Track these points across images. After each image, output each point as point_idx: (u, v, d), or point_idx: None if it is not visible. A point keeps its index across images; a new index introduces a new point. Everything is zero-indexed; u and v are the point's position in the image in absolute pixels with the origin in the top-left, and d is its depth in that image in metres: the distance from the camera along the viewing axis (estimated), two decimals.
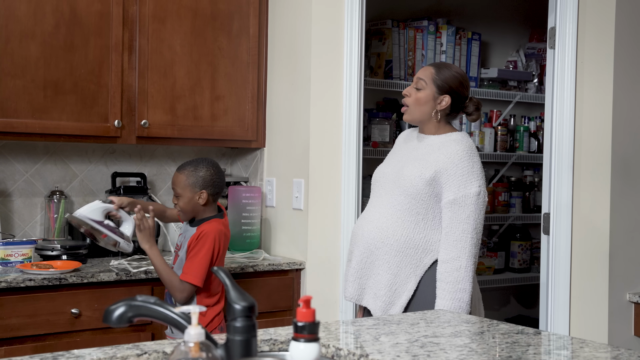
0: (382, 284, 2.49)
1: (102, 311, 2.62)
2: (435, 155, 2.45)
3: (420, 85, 2.48)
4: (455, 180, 2.41)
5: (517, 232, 4.38)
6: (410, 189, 2.44)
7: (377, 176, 2.58)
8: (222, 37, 3.25)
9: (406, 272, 2.47)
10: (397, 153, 2.60)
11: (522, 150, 4.32)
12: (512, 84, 4.33)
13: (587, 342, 1.76)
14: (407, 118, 2.52)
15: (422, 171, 2.44)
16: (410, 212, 2.45)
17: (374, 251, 2.50)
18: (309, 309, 1.26)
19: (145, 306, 1.23)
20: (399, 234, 2.46)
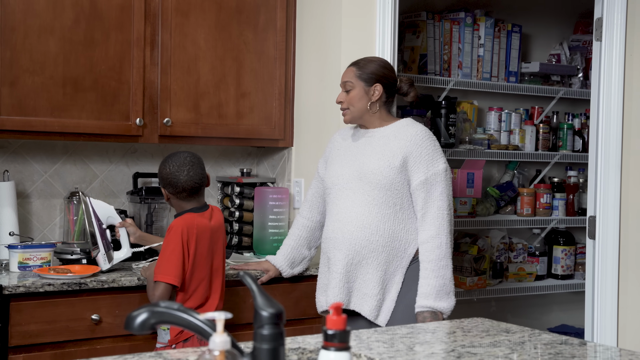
0: (372, 283, 2.60)
1: (123, 317, 2.65)
2: (396, 142, 2.61)
3: (349, 86, 2.67)
4: (423, 161, 2.59)
5: (560, 236, 4.34)
6: (383, 180, 2.58)
7: (333, 179, 2.69)
8: (247, 31, 3.26)
9: (394, 266, 2.62)
10: (342, 153, 2.73)
11: (566, 149, 4.28)
12: (555, 78, 4.29)
13: (636, 354, 1.74)
14: (348, 119, 2.69)
15: (389, 161, 2.60)
16: (388, 205, 2.59)
17: (360, 251, 2.60)
18: (339, 316, 1.26)
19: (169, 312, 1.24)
20: (382, 229, 2.60)
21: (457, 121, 3.87)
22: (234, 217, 3.37)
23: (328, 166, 2.76)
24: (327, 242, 2.68)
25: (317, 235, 2.89)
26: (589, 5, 3.13)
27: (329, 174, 2.73)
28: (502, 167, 4.37)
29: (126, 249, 2.78)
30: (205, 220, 2.56)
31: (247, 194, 3.39)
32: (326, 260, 2.70)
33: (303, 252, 2.91)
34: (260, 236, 3.26)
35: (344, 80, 2.68)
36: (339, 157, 2.73)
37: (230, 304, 2.85)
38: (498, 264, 4.14)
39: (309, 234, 2.88)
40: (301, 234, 2.88)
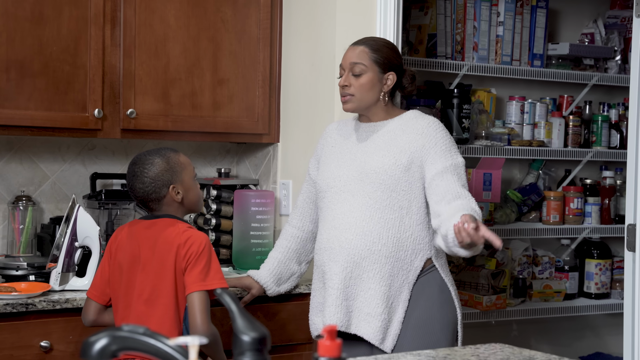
0: (375, 301, 2.59)
1: (78, 344, 2.64)
2: (404, 138, 2.63)
3: (360, 69, 2.64)
4: (439, 152, 2.59)
5: (594, 248, 4.35)
6: (388, 180, 2.59)
7: (328, 181, 2.69)
8: (226, 6, 3.26)
9: (399, 280, 2.62)
10: (338, 150, 2.74)
11: (600, 145, 4.29)
12: (587, 62, 4.30)
13: None
14: (350, 107, 2.67)
15: (396, 158, 2.61)
16: (392, 208, 2.60)
17: (360, 263, 2.60)
18: (333, 341, 1.26)
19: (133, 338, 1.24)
20: (385, 236, 2.60)
21: (471, 113, 3.88)
22: (210, 225, 3.37)
23: (321, 166, 2.77)
24: (322, 253, 2.68)
25: (309, 247, 2.89)
26: None
27: (322, 175, 2.74)
28: (525, 167, 4.38)
29: (88, 280, 2.78)
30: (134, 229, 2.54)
31: (225, 198, 3.39)
32: (321, 275, 2.70)
33: (292, 267, 2.90)
34: (241, 248, 3.26)
35: (352, 60, 2.65)
36: (334, 156, 2.74)
37: None
38: (520, 281, 4.15)
39: (299, 246, 2.88)
40: (290, 246, 2.87)
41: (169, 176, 2.49)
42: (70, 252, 2.77)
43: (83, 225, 2.78)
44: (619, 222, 4.27)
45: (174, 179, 2.50)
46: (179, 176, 2.51)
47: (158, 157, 2.50)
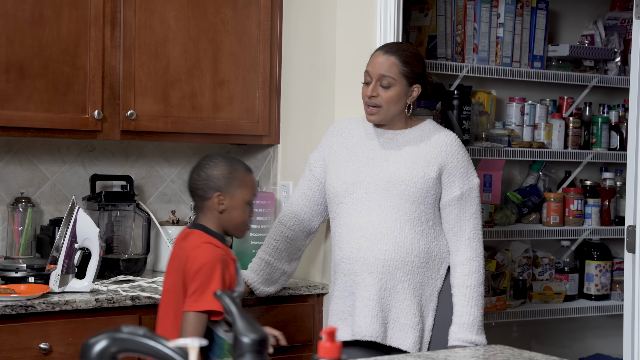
0: (411, 311, 2.62)
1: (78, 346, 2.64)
2: (427, 150, 2.67)
3: (388, 82, 2.64)
4: (459, 174, 2.68)
5: (594, 249, 4.35)
6: (417, 193, 2.63)
7: (346, 186, 2.68)
8: (226, 8, 3.26)
9: (429, 289, 2.68)
10: (352, 153, 2.73)
11: (600, 147, 4.29)
12: (587, 64, 4.30)
13: None
14: (377, 119, 2.68)
15: (424, 171, 2.65)
16: (420, 220, 2.65)
17: (395, 274, 2.62)
18: (333, 342, 1.26)
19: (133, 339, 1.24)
20: (417, 247, 2.65)
21: (471, 114, 3.88)
22: None
23: (331, 167, 2.75)
24: (353, 263, 2.66)
25: (300, 245, 2.89)
26: None
27: (336, 177, 2.72)
28: (525, 168, 4.38)
29: (88, 282, 2.78)
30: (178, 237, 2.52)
31: None
32: (349, 284, 2.68)
33: (282, 267, 2.89)
34: (241, 249, 3.25)
35: (381, 72, 2.65)
36: (348, 158, 2.73)
37: None
38: (520, 282, 4.15)
39: (288, 246, 2.86)
40: (279, 246, 2.86)
41: (221, 183, 2.39)
42: (69, 254, 2.76)
43: (83, 227, 2.78)
44: (619, 223, 4.28)
45: (225, 189, 2.39)
46: (231, 189, 2.40)
47: (226, 162, 2.43)
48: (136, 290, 2.87)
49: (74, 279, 2.79)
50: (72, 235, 2.77)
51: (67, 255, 2.76)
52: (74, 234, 2.77)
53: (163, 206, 3.48)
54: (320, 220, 2.90)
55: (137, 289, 2.88)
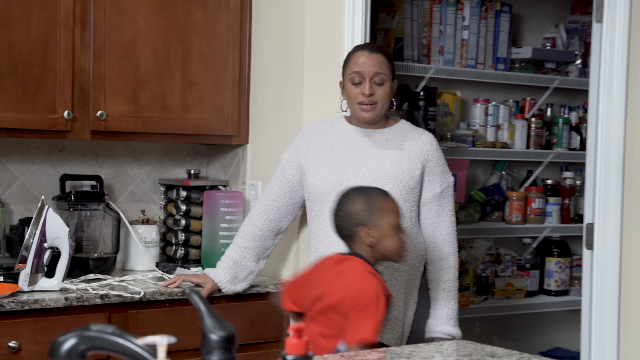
0: (397, 308, 2.63)
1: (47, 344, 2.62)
2: (408, 149, 2.70)
3: (380, 79, 2.67)
4: (438, 172, 2.75)
5: (554, 246, 4.40)
6: (403, 190, 2.66)
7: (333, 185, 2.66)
8: (196, 9, 3.25)
9: (411, 285, 2.72)
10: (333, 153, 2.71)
11: (561, 147, 4.33)
12: (549, 66, 4.34)
13: None
14: (372, 116, 2.70)
15: (410, 169, 2.68)
16: (405, 218, 2.64)
17: (384, 272, 2.59)
18: (300, 339, 1.27)
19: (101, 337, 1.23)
20: (416, 248, 2.68)
21: (437, 115, 3.90)
22: (180, 225, 3.36)
23: (311, 168, 2.74)
24: None
25: (268, 245, 2.88)
26: None
27: (319, 177, 2.70)
28: (488, 168, 4.41)
29: (57, 281, 2.76)
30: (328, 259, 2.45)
31: (194, 199, 3.37)
32: None
33: (249, 266, 2.88)
34: (210, 248, 3.25)
35: (374, 70, 2.67)
36: (329, 158, 2.72)
37: (175, 326, 2.84)
38: (483, 279, 4.18)
39: (257, 245, 2.85)
40: (247, 245, 2.85)
41: (363, 216, 2.33)
42: (39, 253, 2.74)
43: (52, 227, 2.76)
44: (578, 221, 4.32)
45: (368, 221, 2.32)
46: (374, 219, 2.33)
47: (360, 193, 2.37)
48: (106, 288, 2.86)
49: (44, 278, 2.77)
50: (41, 234, 2.74)
51: (37, 254, 2.73)
52: (44, 233, 2.75)
53: (133, 205, 3.47)
54: (290, 220, 2.89)
55: (106, 288, 2.87)
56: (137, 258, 3.28)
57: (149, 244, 3.30)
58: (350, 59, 2.72)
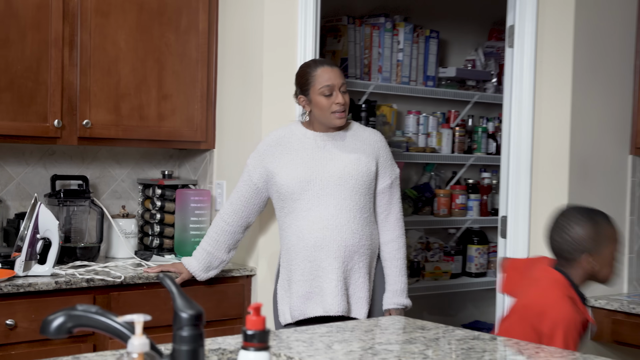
0: (364, 287, 2.64)
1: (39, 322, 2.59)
2: (362, 147, 2.69)
3: (344, 88, 2.68)
4: (388, 164, 2.74)
5: (475, 235, 4.44)
6: (364, 185, 2.65)
7: (302, 185, 2.64)
8: (169, 33, 3.23)
9: (372, 267, 2.71)
10: (301, 157, 2.67)
11: (480, 151, 4.38)
12: (470, 83, 4.39)
13: (542, 347, 1.81)
14: (345, 121, 2.70)
15: (367, 166, 2.66)
16: (365, 209, 2.66)
17: (353, 257, 2.62)
18: (259, 316, 1.27)
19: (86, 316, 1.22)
20: (366, 233, 2.66)
21: (376, 124, 3.92)
22: (155, 219, 3.34)
23: (279, 171, 2.67)
24: (317, 250, 2.61)
25: (238, 238, 2.84)
26: (503, 13, 3.23)
27: (288, 178, 2.64)
28: (420, 169, 4.45)
29: (48, 267, 2.72)
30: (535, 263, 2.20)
31: (168, 196, 3.35)
32: (312, 268, 2.62)
33: (221, 257, 2.85)
34: (182, 238, 3.23)
35: (341, 81, 2.65)
36: (295, 161, 2.66)
37: (151, 306, 2.82)
38: (415, 263, 4.22)
39: (228, 238, 2.82)
40: (219, 239, 2.81)
41: (590, 245, 2.05)
42: (32, 243, 2.70)
43: (44, 220, 2.72)
44: (494, 214, 4.37)
45: (594, 250, 2.05)
46: (600, 248, 2.06)
47: (589, 220, 2.05)
48: (91, 273, 2.83)
49: (37, 265, 2.73)
50: (34, 227, 2.71)
51: (31, 244, 2.69)
52: (36, 226, 2.71)
53: (114, 202, 3.43)
54: (256, 216, 2.85)
55: (91, 273, 2.84)
56: (118, 247, 3.25)
57: (128, 235, 3.27)
58: (316, 74, 2.65)
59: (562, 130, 3.05)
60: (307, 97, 2.68)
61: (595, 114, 3.14)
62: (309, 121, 2.73)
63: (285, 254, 2.70)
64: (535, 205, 3.07)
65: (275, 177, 2.69)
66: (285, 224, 2.70)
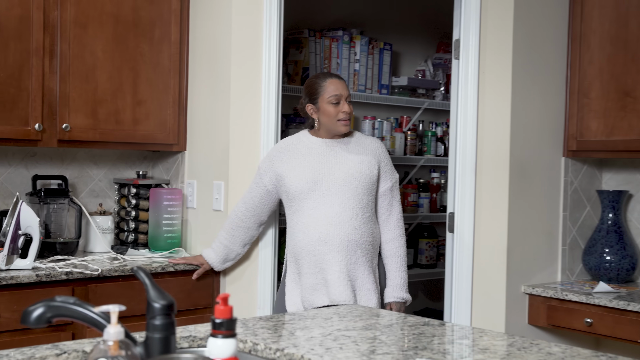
0: (371, 279, 2.66)
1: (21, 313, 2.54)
2: (365, 153, 2.71)
3: (349, 98, 2.72)
4: (389, 169, 2.77)
5: (425, 230, 4.47)
6: (365, 186, 2.67)
7: (310, 185, 2.66)
8: (143, 43, 3.19)
9: (375, 261, 2.72)
10: (308, 161, 2.70)
11: (430, 154, 4.41)
12: (420, 91, 4.42)
13: (486, 332, 1.83)
14: (349, 128, 2.74)
15: (370, 169, 2.69)
16: (368, 208, 2.68)
17: (356, 251, 2.64)
18: (226, 306, 1.26)
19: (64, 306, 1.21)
20: (368, 229, 2.68)
21: None
22: (130, 216, 3.30)
23: (288, 174, 2.70)
24: (321, 244, 2.63)
25: (253, 234, 2.88)
26: (449, 28, 3.26)
27: (297, 180, 2.67)
28: None
29: (30, 261, 2.67)
30: None
31: (142, 195, 3.32)
32: (317, 261, 2.64)
33: (237, 250, 2.90)
34: (155, 234, 3.20)
35: (347, 93, 2.70)
36: (303, 165, 2.69)
37: (126, 297, 2.78)
38: None
39: (242, 233, 2.86)
40: (235, 234, 2.85)
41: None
42: (14, 239, 2.65)
43: (25, 217, 2.67)
44: (442, 211, 4.42)
45: None
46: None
47: None
48: (70, 267, 2.78)
49: (18, 259, 2.68)
50: (16, 223, 2.66)
51: (13, 239, 2.64)
52: (18, 222, 2.66)
53: (92, 200, 3.39)
54: (268, 214, 2.88)
55: (70, 266, 2.79)
56: (95, 242, 3.21)
57: (105, 230, 3.23)
58: (324, 85, 2.70)
59: (502, 134, 3.09)
60: (315, 105, 2.72)
61: (532, 119, 3.19)
62: (316, 129, 2.76)
63: (292, 249, 2.73)
64: (479, 203, 3.10)
65: (284, 180, 2.71)
66: (292, 222, 2.73)
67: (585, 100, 3.23)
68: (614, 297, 2.92)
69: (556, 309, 3.06)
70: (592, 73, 3.20)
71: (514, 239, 3.11)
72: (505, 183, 3.08)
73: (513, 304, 3.11)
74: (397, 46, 4.40)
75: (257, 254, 3.08)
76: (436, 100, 4.44)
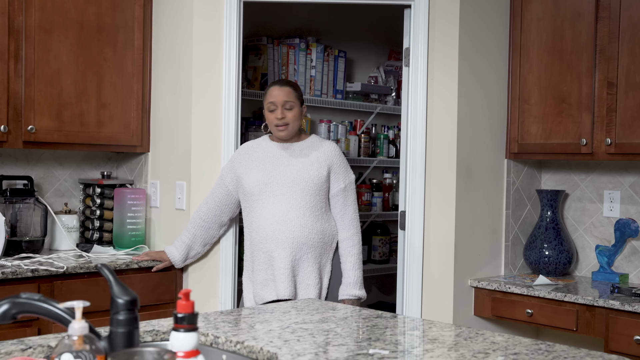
0: (313, 274, 2.65)
1: None
2: (317, 155, 2.71)
3: (290, 105, 2.70)
4: (342, 171, 2.74)
5: (378, 228, 4.49)
6: (313, 187, 2.66)
7: (261, 187, 2.69)
8: (107, 48, 3.14)
9: (325, 258, 2.71)
10: (261, 163, 2.73)
11: (383, 155, 4.44)
12: (373, 96, 4.44)
13: (435, 323, 1.85)
14: (286, 134, 2.72)
15: (318, 171, 2.68)
16: (316, 208, 2.68)
17: (301, 248, 2.64)
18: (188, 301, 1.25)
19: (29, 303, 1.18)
20: (316, 228, 2.67)
21: None
22: (95, 215, 3.24)
23: (244, 175, 2.73)
24: (269, 242, 2.64)
25: (213, 234, 2.89)
26: (400, 37, 3.28)
27: (250, 181, 2.70)
28: None
29: None
30: None
31: (107, 194, 3.26)
32: (267, 258, 2.66)
33: (197, 249, 2.90)
34: (120, 232, 3.15)
35: (284, 99, 2.68)
36: (258, 167, 2.72)
37: (91, 293, 2.74)
38: None
39: (204, 233, 2.86)
40: (196, 233, 2.86)
41: None
42: None
43: None
44: (394, 209, 4.44)
45: None
46: None
47: None
48: (35, 264, 2.72)
49: None
50: None
51: None
52: None
53: (57, 199, 3.32)
54: (229, 216, 2.89)
55: (36, 264, 2.73)
56: (61, 240, 3.15)
57: (70, 229, 3.17)
58: (266, 94, 2.74)
59: (449, 137, 3.13)
60: (263, 112, 2.76)
61: (477, 123, 3.24)
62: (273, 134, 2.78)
63: (248, 247, 2.75)
64: (428, 202, 3.13)
65: (242, 181, 2.74)
66: (247, 221, 2.75)
67: (526, 106, 3.29)
68: (552, 289, 2.98)
69: (500, 301, 3.11)
70: (532, 81, 3.26)
71: (461, 236, 3.15)
72: (452, 183, 3.12)
73: (460, 296, 3.15)
74: (351, 54, 4.42)
75: (218, 251, 3.05)
76: (388, 105, 4.46)
